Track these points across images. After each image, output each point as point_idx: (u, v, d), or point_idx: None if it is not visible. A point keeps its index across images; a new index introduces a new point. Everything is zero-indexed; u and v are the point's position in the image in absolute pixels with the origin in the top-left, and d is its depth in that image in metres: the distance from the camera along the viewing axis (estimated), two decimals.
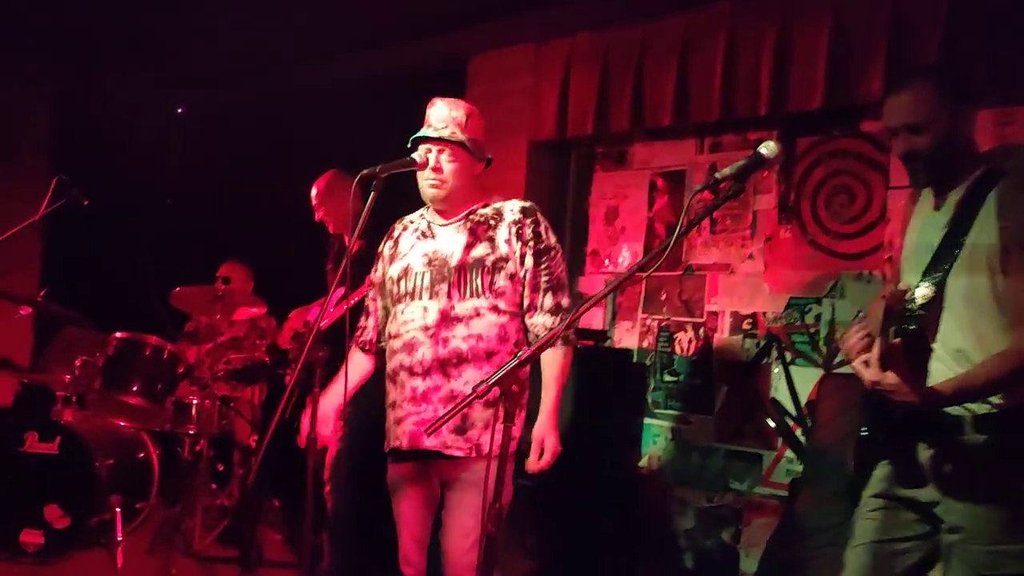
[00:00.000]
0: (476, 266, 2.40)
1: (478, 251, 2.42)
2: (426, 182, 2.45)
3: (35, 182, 5.04)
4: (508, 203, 2.53)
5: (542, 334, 2.37)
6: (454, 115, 2.47)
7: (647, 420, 4.22)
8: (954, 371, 1.97)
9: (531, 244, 2.43)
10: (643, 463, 4.19)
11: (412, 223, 2.63)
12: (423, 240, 2.54)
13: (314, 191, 3.75)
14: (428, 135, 2.44)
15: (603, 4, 4.25)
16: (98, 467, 3.89)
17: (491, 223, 2.47)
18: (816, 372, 3.70)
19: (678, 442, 4.13)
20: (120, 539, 3.89)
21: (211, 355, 4.32)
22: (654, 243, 4.30)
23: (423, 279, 2.45)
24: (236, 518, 4.11)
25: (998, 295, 1.93)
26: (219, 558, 4.03)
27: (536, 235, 2.45)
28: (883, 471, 2.16)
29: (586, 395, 3.72)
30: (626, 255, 4.43)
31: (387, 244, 2.67)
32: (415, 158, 2.43)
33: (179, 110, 6.02)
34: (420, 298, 2.43)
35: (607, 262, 4.50)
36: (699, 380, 4.09)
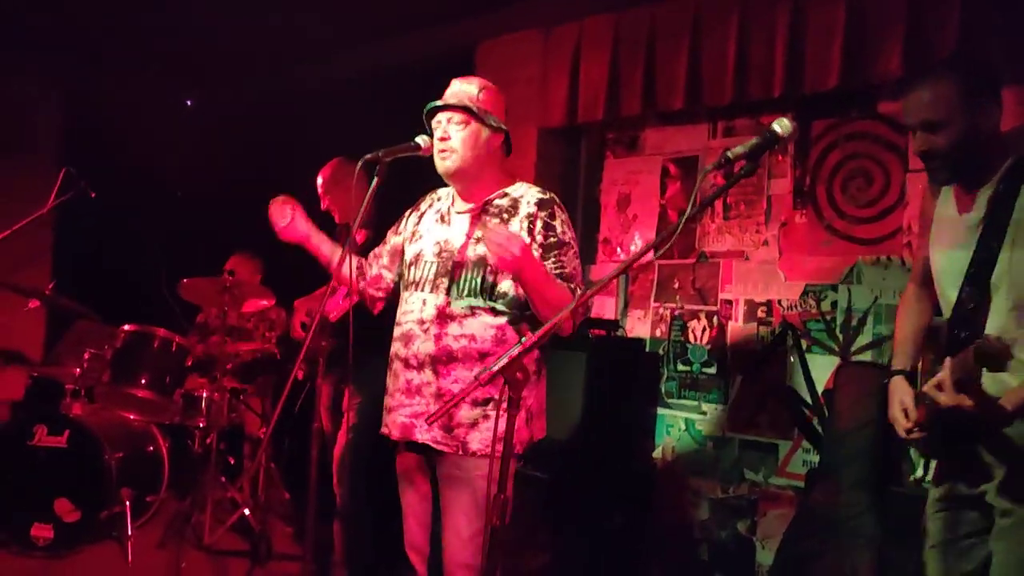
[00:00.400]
0: (479, 265, 2.33)
1: (483, 248, 2.32)
2: (437, 155, 2.39)
3: (45, 178, 5.04)
4: (527, 193, 2.43)
5: None
6: (466, 88, 2.43)
7: (660, 410, 4.18)
8: None
9: (539, 239, 2.33)
10: (657, 454, 4.15)
11: (439, 200, 2.57)
12: (439, 225, 2.48)
13: (319, 179, 3.71)
14: (436, 104, 2.40)
15: None
16: (107, 460, 3.88)
17: (505, 216, 2.37)
18: (833, 360, 3.64)
19: (692, 432, 4.07)
20: (130, 532, 3.89)
21: (220, 347, 4.30)
22: (666, 230, 4.24)
23: (429, 270, 2.41)
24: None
25: None
26: (230, 551, 4.03)
27: (547, 228, 2.35)
28: (945, 470, 2.19)
29: (598, 386, 3.69)
30: (638, 243, 4.37)
31: (413, 213, 2.63)
32: (419, 142, 2.39)
33: (188, 102, 6.01)
34: (422, 290, 2.39)
35: (619, 250, 4.44)
36: (713, 369, 4.04)
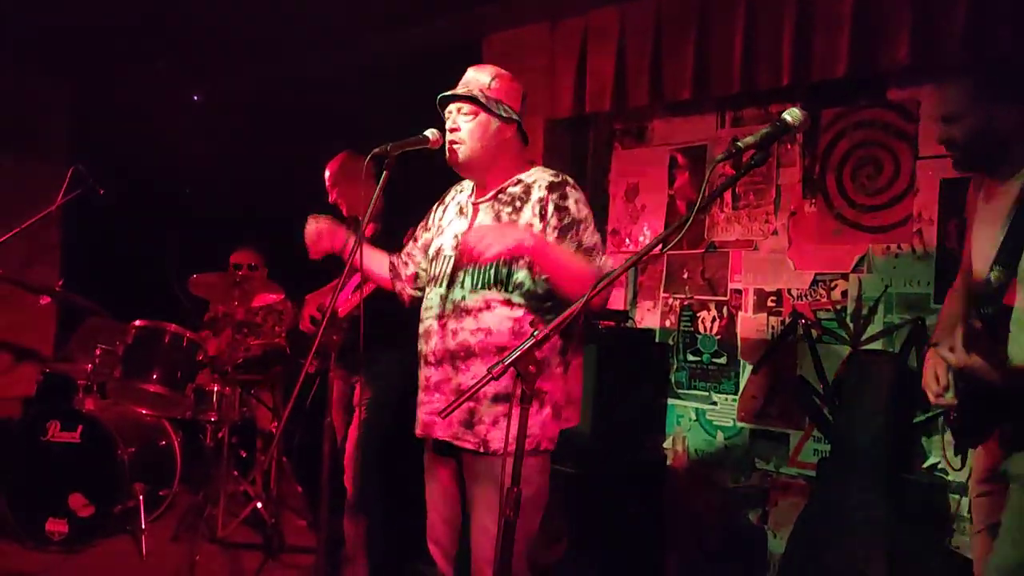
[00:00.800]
0: None
1: None
2: (447, 147, 2.36)
3: (53, 175, 5.06)
4: (540, 178, 2.36)
5: None
6: (478, 77, 2.39)
7: (671, 401, 4.18)
8: None
9: (553, 222, 2.26)
10: (667, 444, 4.16)
11: (460, 192, 2.55)
12: (459, 218, 2.46)
13: (327, 173, 3.72)
14: (445, 95, 2.38)
15: None
16: (120, 455, 3.93)
17: (517, 204, 2.32)
18: (843, 349, 3.63)
19: (702, 423, 4.08)
20: (144, 526, 3.94)
21: (231, 342, 4.32)
22: (675, 221, 4.23)
23: (448, 264, 2.38)
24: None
25: None
26: (243, 544, 4.06)
27: (560, 210, 2.27)
28: (979, 452, 2.31)
29: (608, 377, 3.69)
30: (647, 233, 4.36)
31: (439, 207, 2.61)
32: (427, 135, 2.37)
33: (195, 97, 6.02)
34: (440, 285, 2.37)
35: (628, 241, 4.44)
36: (723, 360, 4.03)
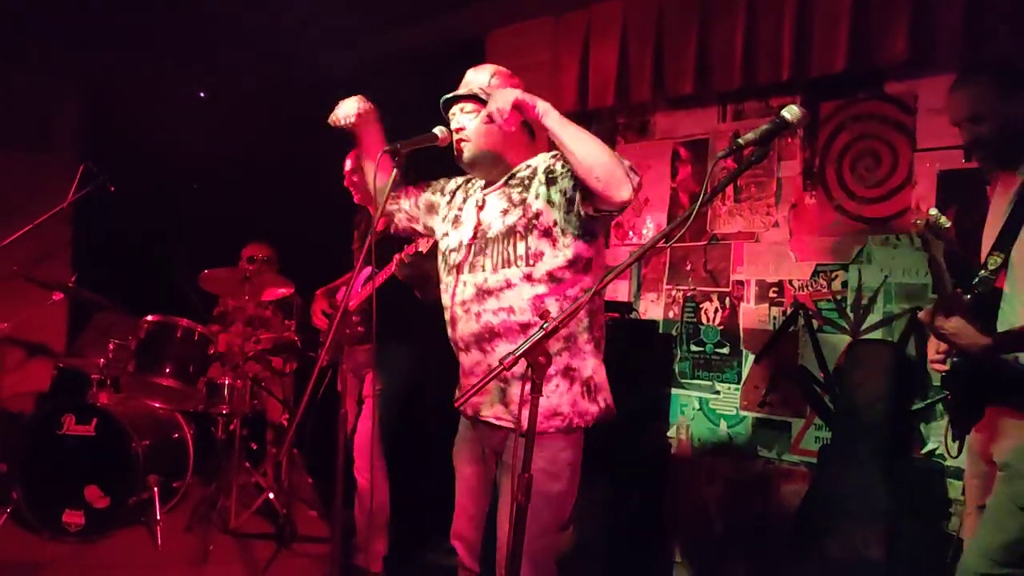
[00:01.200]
0: (508, 235, 2.30)
1: (510, 218, 2.31)
2: (455, 148, 2.41)
3: (65, 171, 5.12)
4: (544, 156, 2.41)
5: None
6: (477, 76, 2.46)
7: (674, 390, 4.24)
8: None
9: (565, 174, 2.23)
10: (671, 433, 4.22)
11: (477, 188, 2.54)
12: (477, 210, 2.47)
13: (347, 163, 3.77)
14: (447, 97, 2.43)
15: None
16: (135, 448, 3.99)
17: (526, 183, 2.35)
18: (843, 339, 3.68)
19: (706, 411, 4.14)
20: (159, 517, 4.00)
21: (242, 336, 4.39)
22: (678, 213, 4.28)
23: (469, 252, 2.40)
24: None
25: None
26: (256, 534, 4.14)
27: (566, 164, 2.22)
28: (972, 435, 2.39)
29: (613, 367, 3.72)
30: (650, 226, 4.41)
31: (459, 189, 2.60)
32: (436, 133, 2.41)
33: (201, 94, 6.06)
34: (463, 272, 2.39)
35: (631, 234, 4.49)
36: (726, 350, 4.09)
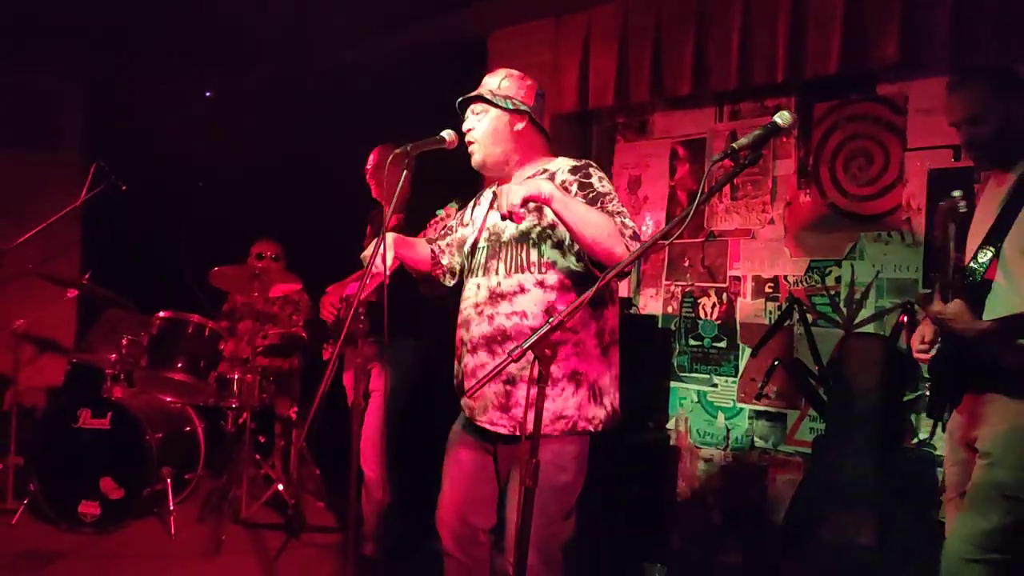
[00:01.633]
0: (522, 240, 2.33)
1: (525, 224, 2.32)
2: (468, 150, 2.44)
3: (73, 170, 5.21)
4: (563, 164, 2.42)
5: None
6: (489, 80, 2.48)
7: (673, 384, 4.33)
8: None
9: (578, 198, 2.26)
10: (671, 425, 4.31)
11: (491, 191, 2.59)
12: (492, 212, 2.49)
13: (370, 159, 3.83)
14: (458, 100, 2.46)
15: None
16: (148, 441, 4.07)
17: None
18: (837, 332, 3.78)
19: (704, 404, 4.24)
20: (172, 508, 4.09)
21: (250, 331, 4.47)
22: (676, 211, 4.37)
23: (483, 255, 2.44)
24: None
25: None
26: (266, 524, 4.23)
27: (584, 188, 2.29)
28: (952, 423, 2.47)
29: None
30: (649, 223, 4.51)
31: (476, 206, 2.66)
32: (444, 136, 2.44)
33: (207, 94, 6.13)
34: (477, 275, 2.43)
35: None
36: (723, 344, 4.19)
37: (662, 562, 3.42)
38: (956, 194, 2.31)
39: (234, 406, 4.44)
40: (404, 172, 2.60)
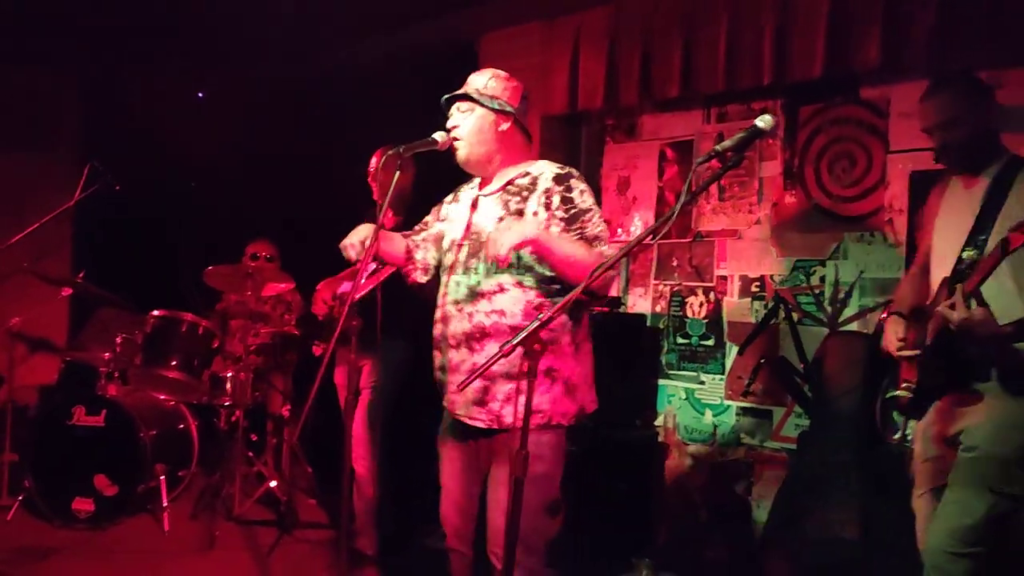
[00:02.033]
0: None
1: (506, 226, 2.31)
2: (451, 147, 2.47)
3: (67, 169, 5.21)
4: (546, 170, 2.44)
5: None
6: (475, 79, 2.50)
7: (662, 381, 4.39)
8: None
9: (560, 213, 2.34)
10: (659, 422, 4.35)
11: (471, 187, 2.62)
12: (471, 210, 2.53)
13: (373, 161, 3.85)
14: (446, 96, 2.49)
15: None
16: (142, 438, 4.10)
17: (524, 194, 2.40)
18: (821, 331, 3.84)
19: (692, 401, 4.30)
20: (165, 505, 4.12)
21: (242, 330, 4.50)
22: (665, 211, 4.40)
23: (462, 253, 2.46)
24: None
25: None
26: (258, 521, 4.27)
27: (566, 202, 2.35)
28: (927, 420, 2.52)
29: (602, 359, 3.85)
30: (638, 224, 4.56)
31: (453, 202, 2.67)
32: (436, 138, 2.47)
33: (200, 95, 6.14)
34: (456, 272, 2.45)
35: (620, 231, 4.63)
36: (711, 342, 4.25)
37: (649, 557, 3.47)
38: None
39: (227, 404, 4.47)
40: (396, 173, 2.62)
